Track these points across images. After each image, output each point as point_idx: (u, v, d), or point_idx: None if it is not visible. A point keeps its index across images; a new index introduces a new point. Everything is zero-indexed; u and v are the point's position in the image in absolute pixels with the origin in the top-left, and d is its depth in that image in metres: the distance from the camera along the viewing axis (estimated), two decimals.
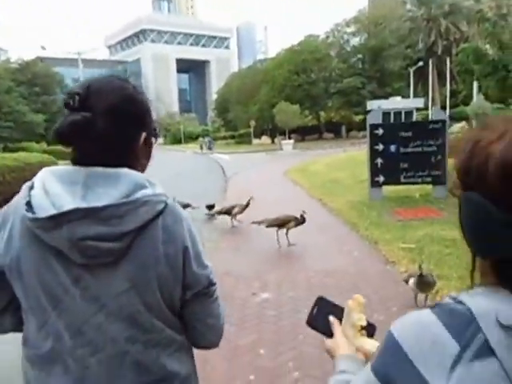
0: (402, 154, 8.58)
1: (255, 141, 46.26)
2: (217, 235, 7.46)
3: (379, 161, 8.64)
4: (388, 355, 0.69)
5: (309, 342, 3.44)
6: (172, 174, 16.56)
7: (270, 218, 6.40)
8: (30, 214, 0.96)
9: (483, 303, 0.65)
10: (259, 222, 6.56)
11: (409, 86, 35.12)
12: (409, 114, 25.20)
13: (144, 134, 1.10)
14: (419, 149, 8.56)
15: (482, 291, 0.68)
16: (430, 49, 40.99)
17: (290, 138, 39.10)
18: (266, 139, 47.48)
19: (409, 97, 33.01)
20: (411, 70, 33.14)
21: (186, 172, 19.94)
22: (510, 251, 0.64)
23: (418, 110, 28.04)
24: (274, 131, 45.24)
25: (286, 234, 6.26)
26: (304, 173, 16.05)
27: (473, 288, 0.70)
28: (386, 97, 33.37)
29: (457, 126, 24.93)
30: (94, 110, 1.00)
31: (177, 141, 67.58)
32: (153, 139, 1.16)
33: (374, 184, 8.75)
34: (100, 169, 1.01)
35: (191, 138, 67.84)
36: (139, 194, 0.99)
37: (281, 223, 6.28)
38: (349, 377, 0.86)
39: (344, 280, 4.86)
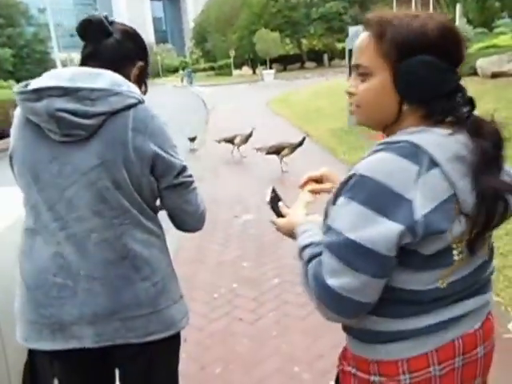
0: None
1: (236, 72, 45.26)
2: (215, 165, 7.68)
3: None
4: (367, 189, 0.91)
5: (288, 255, 3.78)
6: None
7: (267, 146, 6.89)
8: (20, 89, 1.20)
9: (419, 136, 0.93)
10: (258, 149, 7.07)
11: (392, 9, 34.19)
12: None
13: (140, 63, 1.38)
14: None
15: (411, 133, 0.95)
16: None
17: (271, 68, 38.41)
18: (246, 70, 46.45)
19: None
20: None
21: (166, 105, 19.72)
22: (442, 89, 0.95)
23: None
24: (255, 61, 44.18)
25: (281, 161, 6.72)
26: (286, 103, 16.07)
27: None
28: None
29: None
30: (111, 29, 1.32)
31: (155, 74, 65.77)
32: (147, 73, 1.44)
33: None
34: (86, 68, 1.26)
35: (169, 70, 65.91)
36: (113, 87, 1.20)
37: (275, 150, 6.71)
38: (313, 233, 1.08)
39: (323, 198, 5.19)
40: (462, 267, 0.99)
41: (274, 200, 1.26)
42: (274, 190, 1.29)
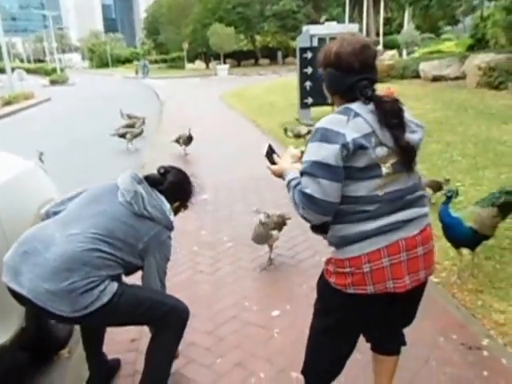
0: None
1: (189, 65, 45.22)
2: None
3: (308, 84, 9.49)
4: (322, 132, 1.59)
5: (241, 225, 4.41)
6: (102, 97, 16.59)
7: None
8: None
9: (352, 105, 1.61)
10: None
11: (345, 11, 35.55)
12: None
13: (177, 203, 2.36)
14: None
15: (347, 105, 1.63)
16: None
17: (225, 63, 38.80)
18: (200, 64, 46.52)
19: (345, 22, 33.56)
20: None
21: (116, 97, 19.84)
22: (342, 86, 1.66)
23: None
24: (209, 55, 44.39)
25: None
26: (239, 97, 16.68)
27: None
28: (322, 22, 33.71)
29: (388, 54, 26.05)
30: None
31: (104, 64, 64.01)
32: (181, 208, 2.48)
33: (303, 105, 9.66)
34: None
35: (119, 61, 64.61)
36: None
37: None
38: (295, 174, 1.69)
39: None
40: (392, 182, 1.63)
41: (269, 152, 1.90)
42: (270, 146, 1.92)
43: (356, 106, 1.62)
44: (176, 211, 2.34)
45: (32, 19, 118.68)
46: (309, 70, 9.44)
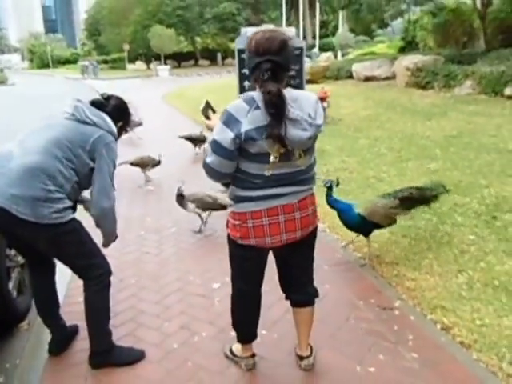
0: None
1: (130, 66, 44.55)
2: None
3: (246, 83, 9.80)
4: (227, 116, 1.88)
5: (182, 213, 4.62)
6: (42, 96, 16.16)
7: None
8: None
9: (254, 93, 1.89)
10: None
11: (282, 13, 36.31)
12: None
13: (120, 123, 2.55)
14: None
15: (252, 94, 1.90)
16: None
17: (165, 64, 38.59)
18: (140, 64, 45.90)
19: (282, 25, 34.30)
20: None
21: (56, 96, 19.34)
22: (252, 69, 1.93)
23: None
24: (149, 56, 43.89)
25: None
26: (181, 97, 16.79)
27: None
28: (261, 24, 34.20)
29: (324, 56, 26.85)
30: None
31: (44, 65, 62.17)
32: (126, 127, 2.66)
33: None
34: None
35: (60, 62, 62.87)
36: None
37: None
38: None
39: None
40: (279, 167, 1.94)
41: (205, 108, 2.23)
42: (207, 102, 2.26)
43: (256, 96, 1.88)
44: (119, 131, 2.56)
45: None
46: (246, 71, 9.73)
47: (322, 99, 9.20)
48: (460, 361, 2.47)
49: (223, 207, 4.12)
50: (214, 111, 2.32)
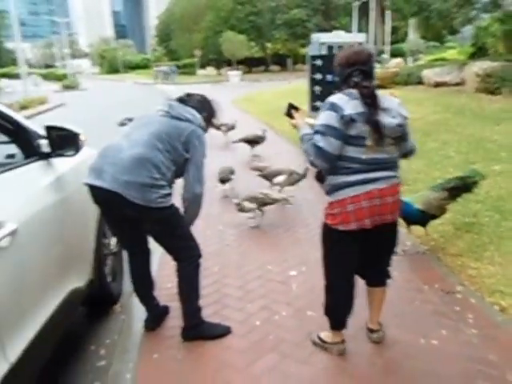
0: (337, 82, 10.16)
1: (200, 71, 45.96)
2: None
3: (317, 88, 10.16)
4: (330, 105, 2.30)
5: None
6: (116, 102, 17.25)
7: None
8: None
9: (352, 90, 2.31)
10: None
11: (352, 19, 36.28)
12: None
13: (205, 113, 2.94)
14: None
15: (350, 90, 2.33)
16: None
17: (237, 69, 39.54)
18: (211, 70, 47.24)
19: (352, 32, 34.25)
20: (355, 5, 34.26)
21: (129, 101, 20.51)
22: (345, 78, 2.38)
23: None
24: (220, 62, 45.12)
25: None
26: (252, 101, 17.42)
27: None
28: (331, 30, 34.21)
29: (394, 62, 26.60)
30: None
31: (114, 70, 64.30)
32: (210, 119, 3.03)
33: (313, 108, 10.32)
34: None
35: (130, 67, 65.10)
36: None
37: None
38: (309, 132, 2.40)
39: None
40: (374, 152, 2.30)
41: (290, 110, 2.61)
42: (290, 104, 2.64)
43: (354, 91, 2.32)
44: (206, 122, 2.89)
45: (40, 25, 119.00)
46: (318, 76, 10.12)
47: None
48: None
49: (275, 201, 4.71)
50: (297, 109, 2.60)
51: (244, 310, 3.17)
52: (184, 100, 2.85)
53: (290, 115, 2.62)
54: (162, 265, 3.67)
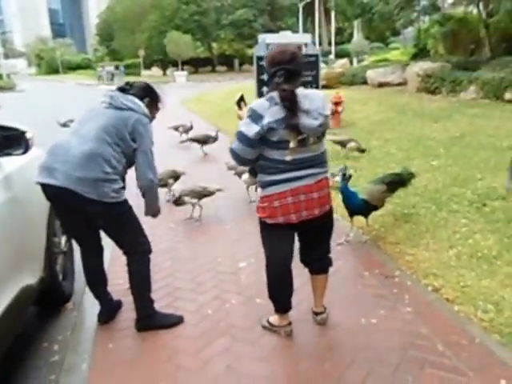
0: None
1: (145, 72, 45.31)
2: None
3: (264, 89, 10.46)
4: (251, 111, 2.47)
5: (208, 207, 5.26)
6: (54, 104, 16.91)
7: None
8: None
9: (273, 94, 2.48)
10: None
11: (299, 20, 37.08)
12: (298, 48, 27.28)
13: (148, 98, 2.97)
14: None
15: (272, 94, 2.51)
16: None
17: (183, 70, 39.44)
18: (157, 71, 46.81)
19: (299, 32, 35.02)
20: (300, 6, 35.05)
21: (72, 103, 20.10)
22: (270, 77, 2.55)
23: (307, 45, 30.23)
24: (166, 62, 44.78)
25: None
26: (200, 102, 17.56)
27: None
28: (278, 31, 34.83)
29: (340, 62, 27.41)
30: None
31: (53, 70, 61.93)
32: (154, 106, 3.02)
33: None
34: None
35: (70, 68, 63.24)
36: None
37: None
38: None
39: None
40: (298, 152, 2.51)
41: (239, 101, 2.82)
42: (242, 96, 2.85)
43: (275, 95, 2.45)
44: (149, 107, 2.92)
45: None
46: (265, 77, 10.39)
47: (337, 103, 9.83)
48: (445, 312, 3.09)
49: (212, 193, 5.04)
50: (245, 104, 2.80)
51: (196, 301, 3.35)
52: (125, 89, 2.91)
53: (239, 105, 2.82)
54: (112, 261, 3.78)
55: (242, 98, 2.85)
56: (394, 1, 15.46)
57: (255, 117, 2.44)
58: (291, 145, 2.47)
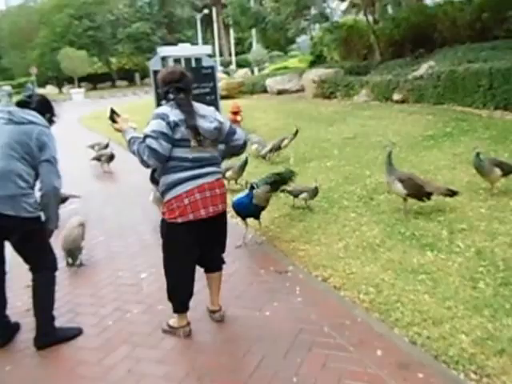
0: None
1: (39, 90, 43.37)
2: None
3: (163, 102, 10.55)
4: (155, 114, 2.73)
5: (112, 222, 5.28)
6: None
7: None
8: None
9: (172, 103, 2.78)
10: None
11: (197, 32, 37.54)
12: (198, 60, 27.63)
13: (48, 114, 3.12)
14: (197, 90, 10.68)
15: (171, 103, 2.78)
16: None
17: (79, 87, 38.27)
18: (52, 88, 44.78)
19: (198, 44, 35.43)
20: (198, 18, 35.58)
21: None
22: (164, 94, 2.84)
23: (210, 57, 30.69)
24: (61, 80, 43.20)
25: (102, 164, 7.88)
26: (99, 119, 17.12)
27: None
28: (177, 43, 34.77)
29: (242, 72, 28.18)
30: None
31: None
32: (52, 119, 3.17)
33: None
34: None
35: None
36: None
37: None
38: (137, 136, 2.79)
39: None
40: (198, 151, 2.79)
41: (112, 115, 2.94)
42: (112, 109, 2.97)
43: (174, 103, 2.80)
44: (49, 121, 3.08)
45: None
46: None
47: (235, 113, 10.18)
48: (332, 298, 3.42)
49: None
50: (118, 115, 2.98)
51: (97, 314, 3.45)
52: (23, 103, 3.01)
53: (112, 119, 2.97)
54: (11, 283, 3.70)
55: (113, 112, 3.00)
56: (286, 10, 16.29)
57: (161, 116, 2.73)
58: (192, 143, 2.79)
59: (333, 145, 8.35)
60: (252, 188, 4.50)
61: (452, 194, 4.68)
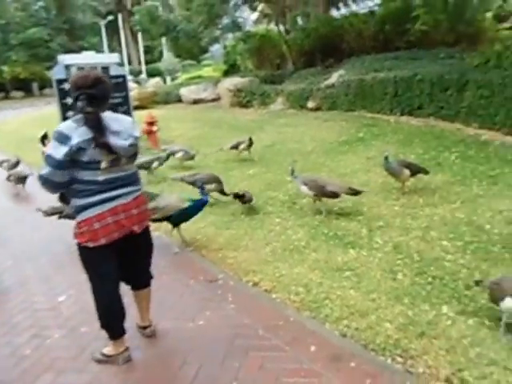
0: None
1: None
2: None
3: (70, 114, 10.23)
4: (57, 134, 2.55)
5: (19, 246, 5.07)
6: None
7: None
8: None
9: (81, 115, 2.62)
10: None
11: (103, 40, 36.60)
12: (105, 69, 26.89)
13: None
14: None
15: (81, 116, 2.64)
16: (119, 2, 43.08)
17: None
18: None
19: (103, 52, 34.58)
20: (102, 24, 34.76)
21: None
22: (74, 100, 2.66)
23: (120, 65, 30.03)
24: None
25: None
26: None
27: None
28: (79, 51, 33.68)
29: (153, 81, 27.82)
30: None
31: None
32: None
33: None
34: None
35: None
36: None
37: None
38: None
39: None
40: (110, 172, 2.66)
41: (43, 137, 2.89)
42: (45, 133, 2.94)
43: (81, 117, 2.61)
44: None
45: None
46: (69, 101, 10.17)
47: (151, 123, 10.12)
48: (264, 301, 3.56)
49: None
50: (50, 140, 2.87)
51: (11, 344, 3.31)
52: None
53: (43, 142, 2.93)
54: None
55: (45, 136, 2.98)
56: (197, 19, 16.47)
57: (62, 138, 2.54)
58: (103, 165, 2.62)
59: (253, 153, 8.59)
60: (202, 189, 4.66)
61: (355, 192, 5.10)
